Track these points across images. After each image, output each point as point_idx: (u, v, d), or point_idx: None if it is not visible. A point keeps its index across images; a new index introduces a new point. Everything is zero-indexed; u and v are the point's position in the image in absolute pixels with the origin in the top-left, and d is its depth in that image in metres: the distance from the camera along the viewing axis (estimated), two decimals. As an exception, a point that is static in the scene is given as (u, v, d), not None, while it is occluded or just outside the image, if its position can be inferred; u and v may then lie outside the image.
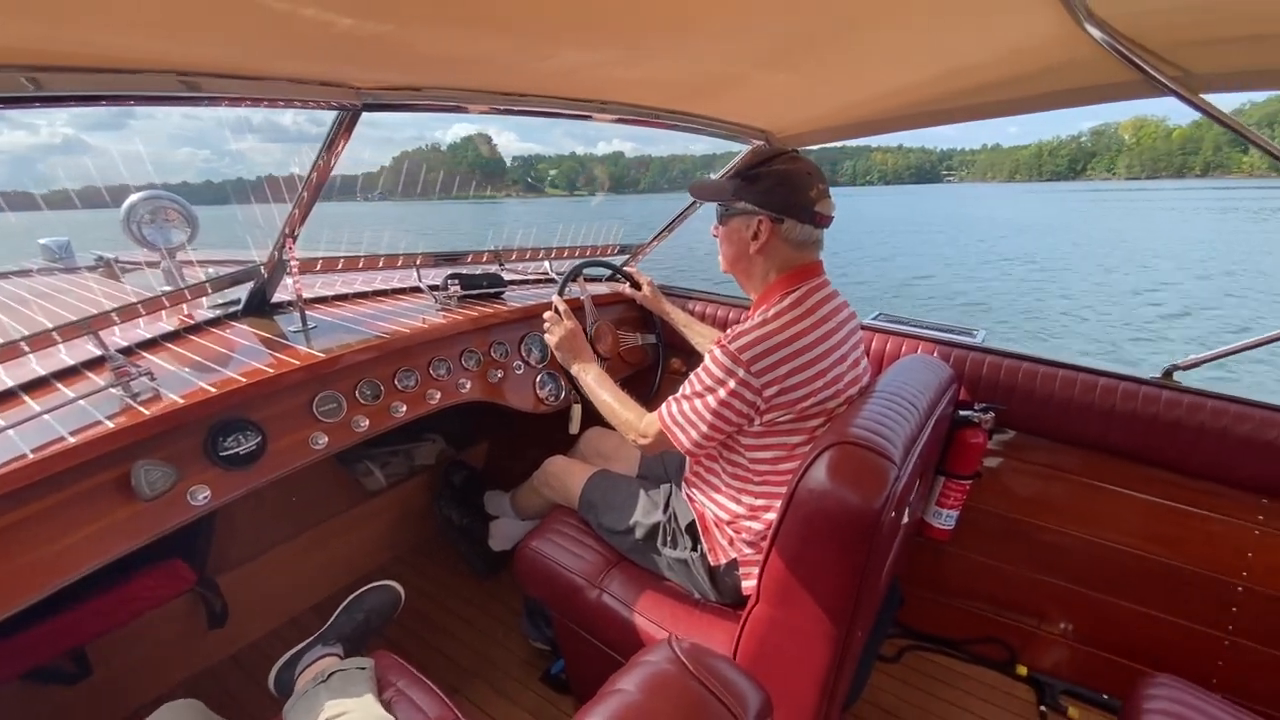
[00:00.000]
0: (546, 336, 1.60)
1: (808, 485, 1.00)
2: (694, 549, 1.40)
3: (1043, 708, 1.63)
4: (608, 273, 2.18)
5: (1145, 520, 1.59)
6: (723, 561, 1.35)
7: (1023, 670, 1.73)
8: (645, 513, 1.48)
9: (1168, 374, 1.54)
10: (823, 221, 1.28)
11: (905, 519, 1.36)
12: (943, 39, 1.29)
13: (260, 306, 1.63)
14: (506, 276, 1.99)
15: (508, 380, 1.75)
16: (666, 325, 2.05)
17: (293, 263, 1.42)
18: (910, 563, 1.84)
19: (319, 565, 2.00)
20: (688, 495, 1.47)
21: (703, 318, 2.19)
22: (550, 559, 1.48)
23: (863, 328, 1.91)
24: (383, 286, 1.92)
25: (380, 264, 1.83)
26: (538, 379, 1.81)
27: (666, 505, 1.49)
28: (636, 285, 2.06)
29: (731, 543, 1.35)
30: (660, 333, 2.12)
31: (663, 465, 1.72)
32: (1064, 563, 1.69)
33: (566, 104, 1.49)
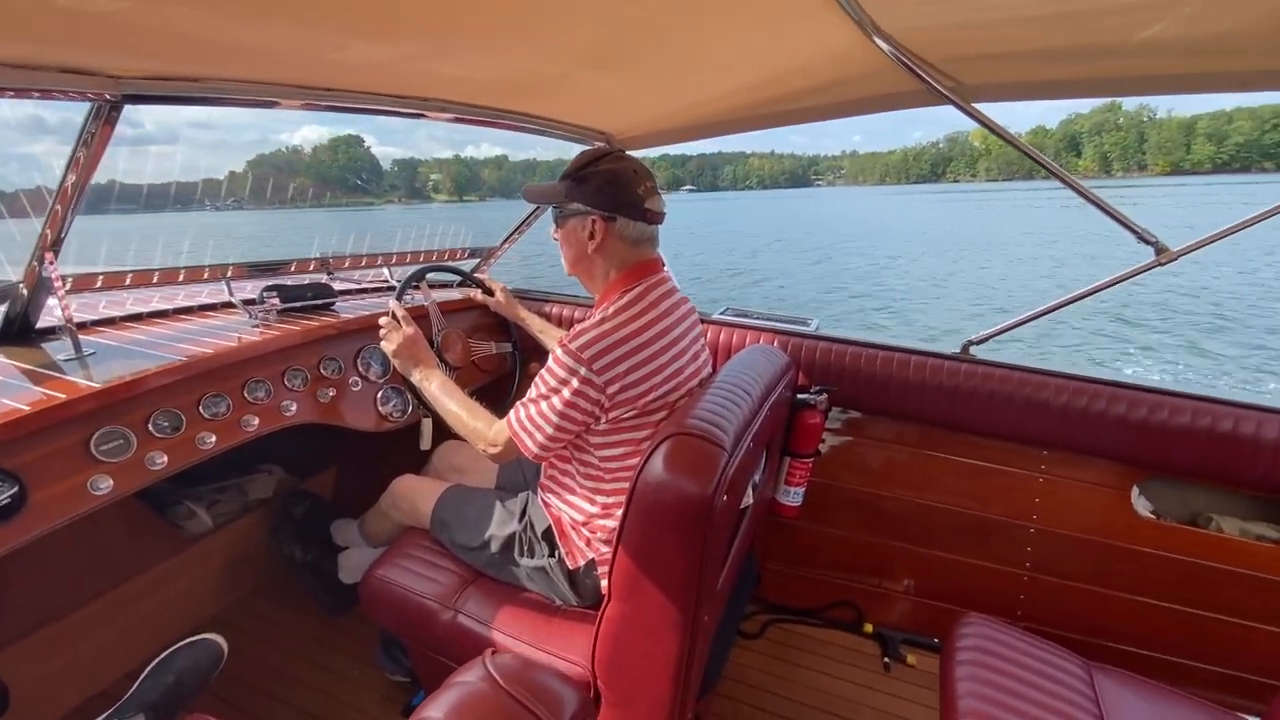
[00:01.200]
0: (383, 344, 1.50)
1: (646, 478, 1.02)
2: (552, 555, 1.37)
3: (886, 659, 1.79)
4: (457, 279, 2.09)
5: (956, 479, 1.79)
6: (581, 564, 1.34)
7: (869, 628, 1.88)
8: (500, 524, 1.44)
9: (964, 349, 1.75)
10: (654, 218, 1.30)
11: (750, 500, 1.43)
12: (753, 48, 1.37)
13: (23, 333, 1.39)
14: (339, 286, 1.84)
15: (344, 398, 1.62)
16: (523, 331, 2.01)
17: (56, 279, 1.22)
18: (766, 541, 1.94)
19: (133, 625, 1.74)
20: (544, 501, 1.44)
21: (560, 321, 2.17)
22: (399, 585, 1.39)
23: (710, 322, 1.99)
24: (187, 303, 1.70)
25: (181, 278, 1.62)
26: (379, 394, 1.69)
27: (523, 514, 1.46)
28: (489, 291, 2.00)
29: (589, 543, 1.34)
30: (516, 339, 2.07)
31: (521, 473, 1.67)
32: (896, 524, 1.87)
33: (390, 100, 1.41)
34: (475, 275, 2.04)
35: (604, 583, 1.31)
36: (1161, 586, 1.64)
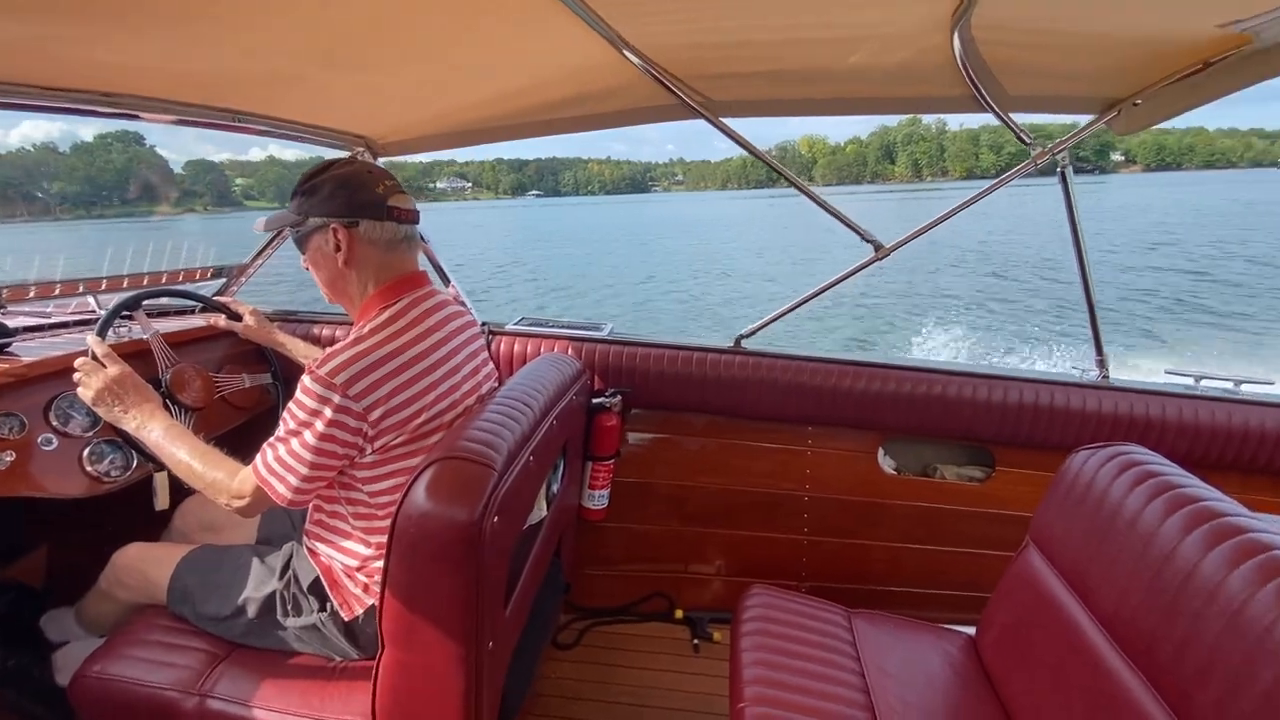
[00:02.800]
0: (80, 391, 1.23)
1: (407, 511, 0.95)
2: (323, 609, 1.23)
3: (695, 640, 1.88)
4: (198, 305, 1.79)
5: (742, 461, 1.94)
6: (359, 613, 1.22)
7: (679, 613, 1.97)
8: (258, 585, 1.25)
9: (737, 342, 1.90)
10: (404, 216, 1.20)
11: (545, 512, 1.41)
12: (510, 55, 1.35)
13: None
14: (18, 322, 1.48)
15: (32, 461, 1.30)
16: (284, 358, 1.78)
17: None
18: (576, 546, 1.94)
19: None
20: (310, 549, 1.28)
21: (331, 344, 1.97)
22: (123, 679, 1.15)
23: (501, 333, 1.94)
24: None
25: None
26: (87, 451, 1.39)
27: (285, 568, 1.28)
28: (235, 316, 1.74)
29: (366, 589, 1.22)
30: (277, 368, 1.83)
31: (289, 521, 1.48)
32: (696, 511, 1.98)
33: (53, 95, 1.15)
34: (216, 299, 1.77)
35: None
36: (905, 530, 1.93)
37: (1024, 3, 1.17)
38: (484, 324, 1.96)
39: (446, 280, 2.02)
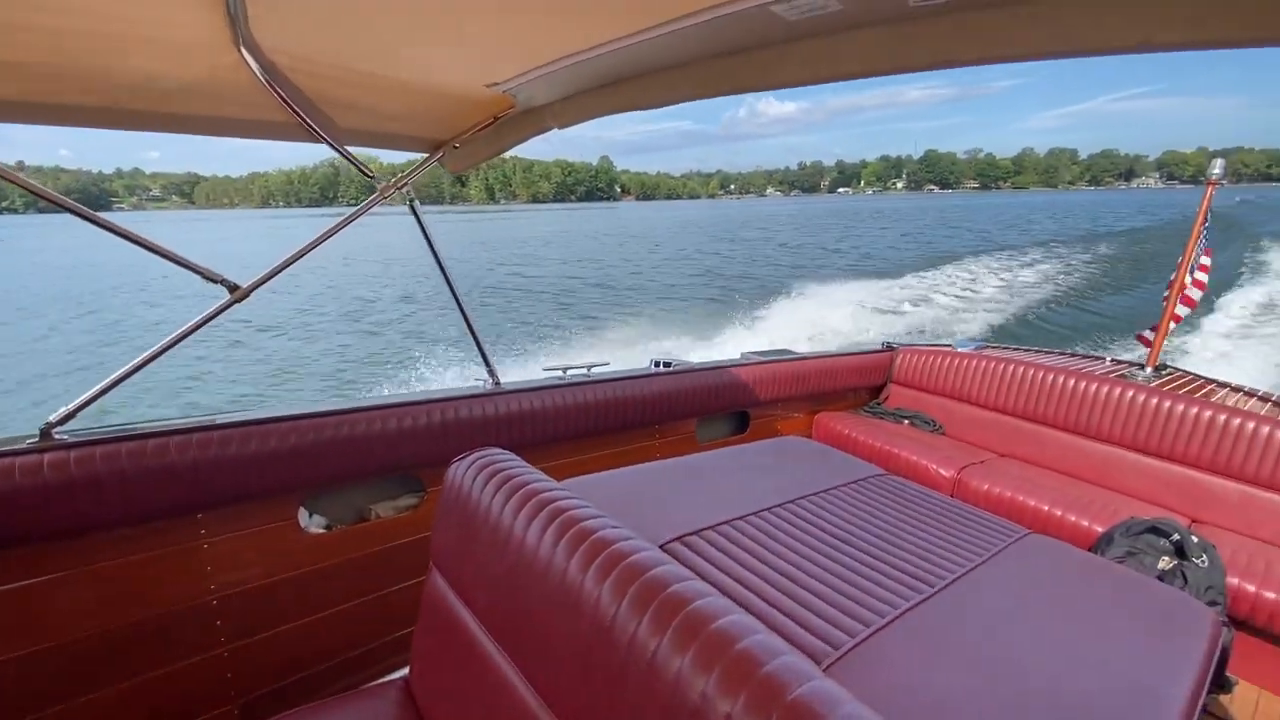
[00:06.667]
0: None
1: None
2: None
3: None
4: None
5: (96, 590, 1.41)
6: None
7: None
8: None
9: (46, 433, 1.36)
10: None
11: None
12: None
13: None
14: None
15: None
16: None
17: None
18: None
19: None
20: None
21: None
22: None
23: None
24: None
25: None
26: None
27: None
28: None
29: None
30: None
31: None
32: (42, 686, 1.34)
33: None
34: None
35: None
36: (348, 589, 1.76)
37: (301, 37, 1.13)
38: None
39: None
